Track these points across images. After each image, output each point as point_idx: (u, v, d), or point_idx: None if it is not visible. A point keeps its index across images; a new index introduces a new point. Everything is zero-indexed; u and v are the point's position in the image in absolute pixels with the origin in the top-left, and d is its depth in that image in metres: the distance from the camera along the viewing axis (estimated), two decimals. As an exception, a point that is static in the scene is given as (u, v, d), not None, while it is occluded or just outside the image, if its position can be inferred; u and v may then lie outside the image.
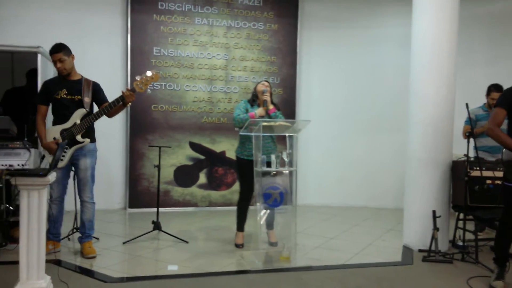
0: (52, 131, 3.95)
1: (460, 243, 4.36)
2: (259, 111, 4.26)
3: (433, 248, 4.13)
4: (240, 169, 4.45)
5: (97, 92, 4.10)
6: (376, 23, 6.82)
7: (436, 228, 4.15)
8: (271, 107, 4.28)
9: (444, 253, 4.17)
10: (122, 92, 3.93)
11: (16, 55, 5.62)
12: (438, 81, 4.38)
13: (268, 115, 4.26)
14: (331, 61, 6.86)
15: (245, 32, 6.50)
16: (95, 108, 4.10)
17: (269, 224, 4.34)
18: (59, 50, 3.92)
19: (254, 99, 4.42)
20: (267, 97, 4.27)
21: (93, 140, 4.07)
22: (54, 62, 3.95)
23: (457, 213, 4.57)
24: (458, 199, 4.33)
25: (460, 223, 4.51)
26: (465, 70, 5.91)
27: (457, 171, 4.36)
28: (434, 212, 4.23)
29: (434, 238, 4.14)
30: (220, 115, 6.42)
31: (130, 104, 4.02)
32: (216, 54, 6.41)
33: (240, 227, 4.48)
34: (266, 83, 4.40)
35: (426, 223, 4.32)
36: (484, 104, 5.12)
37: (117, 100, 3.92)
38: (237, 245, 4.43)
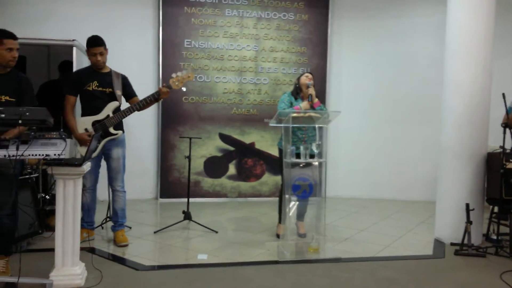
0: (83, 122, 4.01)
1: (494, 237, 4.25)
2: (304, 104, 4.20)
3: (465, 242, 4.04)
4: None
5: (126, 86, 4.18)
6: (407, 12, 6.67)
7: (469, 221, 4.05)
8: (316, 100, 4.22)
9: (477, 247, 4.08)
10: (159, 88, 4.00)
11: (52, 48, 5.79)
12: (473, 71, 4.26)
13: (313, 108, 4.19)
14: (361, 51, 6.76)
15: (275, 23, 6.48)
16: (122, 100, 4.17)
17: (300, 215, 4.33)
18: (102, 44, 3.99)
19: (298, 92, 4.37)
20: (312, 91, 4.21)
21: (123, 130, 4.16)
22: (94, 55, 3.98)
23: (491, 206, 4.46)
24: (492, 192, 4.22)
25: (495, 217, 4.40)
26: (504, 59, 5.72)
27: (492, 163, 4.25)
28: (467, 205, 4.13)
29: (467, 231, 4.05)
30: (249, 106, 6.43)
31: (161, 100, 4.08)
32: (246, 46, 6.41)
33: (282, 218, 4.47)
34: (310, 76, 4.33)
35: (459, 216, 4.23)
36: None
37: (152, 95, 3.99)
38: (278, 236, 4.44)
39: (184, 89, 4.22)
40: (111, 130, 4.01)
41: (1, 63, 3.18)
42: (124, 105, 4.13)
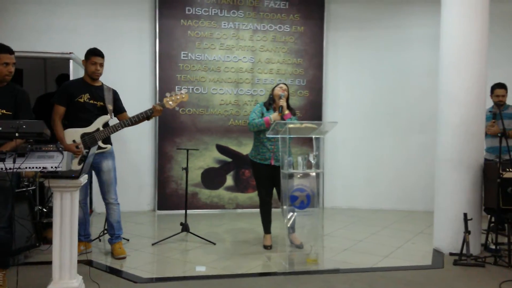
0: (71, 134, 3.96)
1: (493, 247, 4.25)
2: (274, 116, 4.24)
3: (464, 251, 4.03)
4: (255, 173, 4.48)
5: (116, 100, 4.19)
6: (403, 23, 6.73)
7: (467, 231, 4.05)
8: (286, 112, 4.25)
9: (476, 257, 4.07)
10: (153, 106, 4.01)
11: (48, 61, 5.80)
12: (468, 81, 4.28)
13: (283, 120, 4.22)
14: (357, 62, 6.81)
15: (271, 35, 6.52)
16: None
17: (291, 227, 4.32)
18: (103, 56, 4.04)
19: (271, 103, 4.41)
20: (283, 103, 4.25)
21: (110, 143, 4.16)
22: (94, 64, 3.99)
23: (489, 216, 4.46)
24: (490, 202, 4.23)
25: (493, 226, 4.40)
26: (498, 68, 5.77)
27: (489, 173, 4.26)
28: (465, 214, 4.13)
29: (465, 241, 4.04)
30: (246, 117, 6.43)
31: (152, 118, 4.11)
32: (243, 57, 6.45)
33: (267, 229, 4.50)
34: (284, 87, 4.37)
35: (457, 226, 4.23)
36: (492, 106, 4.99)
37: (145, 112, 4.01)
38: (265, 247, 4.44)
39: (177, 108, 4.23)
40: (100, 143, 4.00)
41: None
42: (113, 119, 4.13)
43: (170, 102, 4.05)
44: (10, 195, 3.11)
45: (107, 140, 4.08)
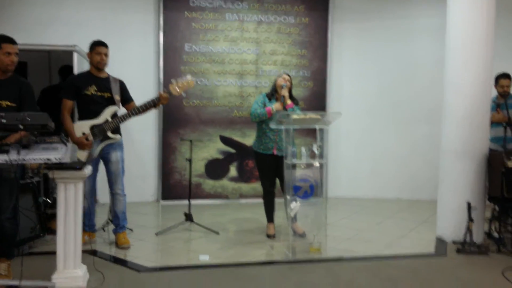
0: (81, 126, 3.99)
1: (496, 235, 4.25)
2: (276, 106, 4.25)
3: (467, 240, 4.04)
4: (258, 163, 4.49)
5: (123, 90, 4.20)
6: (408, 14, 6.68)
7: (471, 220, 4.05)
8: (288, 102, 4.25)
9: (479, 245, 4.07)
10: (160, 94, 4.01)
11: (53, 54, 5.83)
12: (474, 72, 4.26)
13: (285, 110, 4.22)
14: (362, 53, 6.77)
15: (275, 27, 6.50)
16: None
17: (293, 218, 4.33)
18: (107, 46, 4.07)
19: (273, 93, 4.41)
20: (285, 93, 4.25)
21: (120, 134, 4.18)
22: (99, 53, 4.01)
23: (493, 205, 4.45)
24: (494, 191, 4.22)
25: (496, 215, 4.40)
26: (504, 59, 5.71)
27: (494, 163, 4.24)
28: (469, 203, 4.13)
29: (469, 229, 4.04)
30: (250, 109, 6.44)
31: (159, 107, 4.11)
32: (247, 49, 6.44)
33: (270, 218, 4.52)
34: (287, 77, 4.36)
35: (460, 215, 4.23)
36: (496, 96, 4.95)
37: (152, 101, 4.00)
38: (268, 236, 4.47)
39: (184, 94, 4.21)
40: (109, 134, 4.02)
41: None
42: (121, 110, 4.15)
43: (177, 89, 4.04)
44: (15, 187, 3.15)
45: (116, 131, 4.10)
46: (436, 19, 6.23)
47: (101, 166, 4.22)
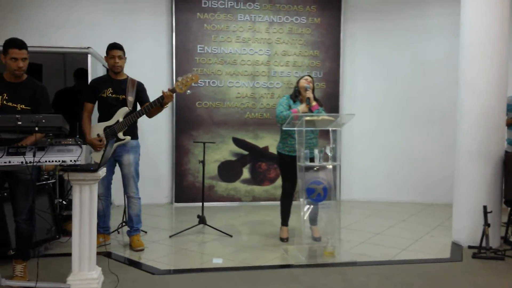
0: (97, 128, 4.09)
1: (513, 240, 4.19)
2: (302, 108, 4.23)
3: (483, 244, 3.98)
4: (282, 165, 4.46)
5: (140, 92, 4.21)
6: (421, 13, 6.61)
7: (487, 224, 3.99)
8: (313, 103, 4.24)
9: (495, 250, 4.01)
10: (163, 92, 4.01)
11: (67, 56, 5.87)
12: (488, 70, 4.21)
13: (311, 112, 4.21)
14: (375, 53, 6.73)
15: (287, 27, 6.48)
16: (138, 107, 4.21)
17: (313, 220, 4.31)
18: (121, 48, 4.09)
19: (297, 95, 4.39)
20: (310, 95, 4.23)
21: (135, 137, 4.19)
22: (112, 57, 4.05)
23: (509, 208, 4.39)
24: (510, 194, 4.15)
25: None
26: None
27: (510, 164, 4.18)
28: (485, 207, 4.07)
29: (485, 234, 3.99)
30: (263, 110, 6.44)
31: (167, 106, 4.11)
32: (259, 50, 6.43)
33: (285, 221, 4.50)
34: (309, 79, 4.35)
35: (476, 218, 4.17)
36: None
37: (157, 100, 4.01)
38: (282, 239, 4.45)
39: (189, 92, 4.20)
40: (120, 135, 4.05)
41: (9, 72, 3.22)
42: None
43: (181, 86, 4.04)
44: (31, 188, 3.17)
45: (129, 132, 4.12)
46: (449, 18, 6.17)
47: (117, 169, 4.25)
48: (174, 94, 4.07)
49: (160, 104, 4.03)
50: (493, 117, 4.22)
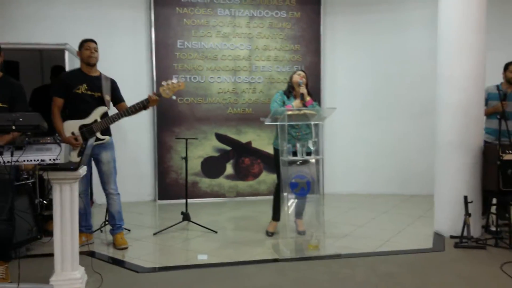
0: (70, 126, 3.93)
1: (493, 229, 4.26)
2: (296, 103, 4.20)
3: (465, 234, 4.04)
4: (278, 160, 4.43)
5: (114, 90, 4.15)
6: (400, 6, 6.66)
7: (468, 214, 4.05)
8: (308, 99, 4.21)
9: (476, 239, 4.09)
10: (149, 96, 3.96)
11: (44, 52, 5.76)
12: (467, 62, 4.26)
13: (305, 107, 4.18)
14: (356, 46, 6.76)
15: (267, 21, 6.47)
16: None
17: (298, 213, 4.32)
18: (95, 41, 4.03)
19: (290, 91, 4.35)
20: (303, 90, 4.20)
21: (109, 133, 4.13)
22: (88, 48, 3.97)
23: (489, 198, 4.46)
24: (489, 184, 4.23)
25: (493, 209, 4.41)
26: (496, 49, 5.72)
27: (489, 155, 4.25)
28: (465, 197, 4.13)
29: (466, 224, 4.05)
30: (245, 105, 6.42)
31: (149, 108, 4.07)
32: (240, 45, 6.40)
33: (276, 216, 4.47)
34: (302, 73, 4.30)
35: (457, 209, 4.24)
36: (501, 83, 4.86)
37: (142, 102, 3.95)
38: (268, 233, 4.45)
39: (174, 97, 4.17)
40: (98, 135, 3.97)
41: None
42: (112, 109, 4.11)
43: (167, 91, 4.01)
44: (10, 188, 3.10)
45: (106, 131, 4.06)
46: (428, 10, 6.21)
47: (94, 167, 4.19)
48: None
49: (143, 107, 3.97)
50: (472, 109, 4.28)
